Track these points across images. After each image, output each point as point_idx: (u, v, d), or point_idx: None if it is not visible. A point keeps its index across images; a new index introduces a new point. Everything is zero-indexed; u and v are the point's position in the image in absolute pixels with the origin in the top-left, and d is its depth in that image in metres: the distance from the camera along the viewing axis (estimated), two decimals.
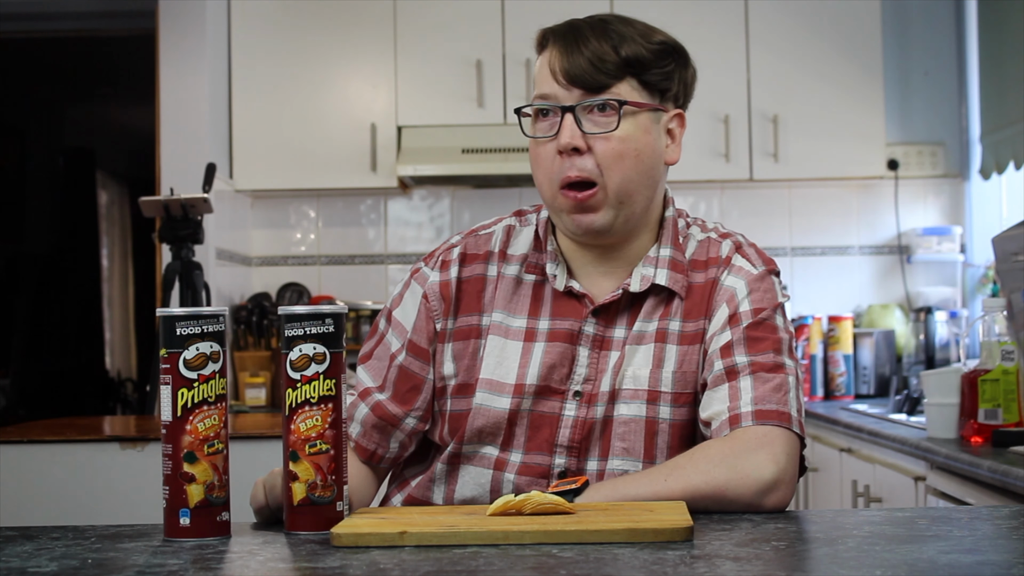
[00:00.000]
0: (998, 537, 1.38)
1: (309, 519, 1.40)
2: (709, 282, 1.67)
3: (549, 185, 1.63)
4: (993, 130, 4.40)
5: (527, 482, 1.63)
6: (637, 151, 1.62)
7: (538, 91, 1.64)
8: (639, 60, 1.62)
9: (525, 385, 1.64)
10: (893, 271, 4.76)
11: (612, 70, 1.60)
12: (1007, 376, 2.57)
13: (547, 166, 1.63)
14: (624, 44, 1.61)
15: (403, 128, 4.54)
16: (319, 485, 1.40)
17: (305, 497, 1.40)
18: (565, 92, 1.61)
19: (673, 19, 4.55)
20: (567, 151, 1.60)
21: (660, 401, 1.63)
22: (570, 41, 1.61)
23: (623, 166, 1.61)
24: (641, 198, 1.65)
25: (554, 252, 1.69)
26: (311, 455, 1.40)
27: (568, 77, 1.60)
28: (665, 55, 1.65)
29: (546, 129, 1.63)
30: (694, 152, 4.50)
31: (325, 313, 1.42)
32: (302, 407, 1.40)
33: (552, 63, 1.62)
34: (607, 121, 1.60)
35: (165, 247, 3.83)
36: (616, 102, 1.60)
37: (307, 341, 1.41)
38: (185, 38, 4.28)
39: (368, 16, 4.54)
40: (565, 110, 1.61)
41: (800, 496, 3.93)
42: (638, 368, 1.63)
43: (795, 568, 1.19)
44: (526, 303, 1.68)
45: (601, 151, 1.60)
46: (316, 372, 1.40)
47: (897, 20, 4.74)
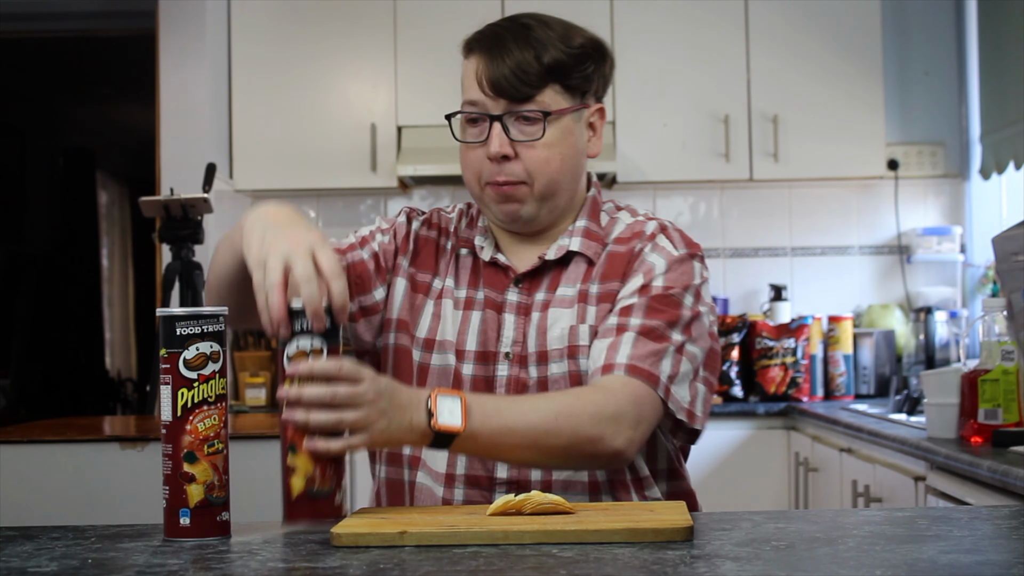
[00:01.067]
0: (998, 537, 1.38)
1: (307, 511, 1.41)
2: (629, 251, 1.76)
3: (478, 184, 1.73)
4: (993, 130, 4.40)
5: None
6: (562, 154, 1.71)
7: (466, 97, 1.73)
8: (560, 66, 1.69)
9: (465, 351, 1.74)
10: (893, 271, 4.76)
11: (535, 80, 1.68)
12: (1007, 376, 2.57)
13: (477, 168, 1.72)
14: (545, 51, 1.68)
15: (403, 128, 4.54)
16: (317, 478, 1.40)
17: (304, 491, 1.41)
18: (492, 102, 1.69)
19: (673, 19, 4.58)
20: (496, 159, 1.69)
21: (579, 355, 1.70)
22: (493, 51, 1.69)
23: (550, 169, 1.70)
24: (565, 192, 1.75)
25: (484, 228, 1.80)
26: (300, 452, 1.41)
27: (494, 88, 1.68)
28: (585, 57, 1.72)
29: (476, 135, 1.72)
30: (694, 152, 4.50)
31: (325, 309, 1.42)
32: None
33: (478, 72, 1.70)
34: (533, 130, 1.69)
35: (165, 247, 3.83)
36: (541, 113, 1.68)
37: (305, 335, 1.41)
38: (185, 38, 4.28)
39: (368, 16, 4.54)
40: (493, 119, 1.69)
41: (800, 496, 3.94)
42: (563, 328, 1.72)
43: (795, 568, 1.19)
44: (467, 275, 1.79)
45: (528, 157, 1.69)
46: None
47: (897, 20, 4.74)
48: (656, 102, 4.49)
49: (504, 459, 1.59)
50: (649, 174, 4.54)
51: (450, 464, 1.72)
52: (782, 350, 4.32)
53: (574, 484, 1.69)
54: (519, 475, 1.69)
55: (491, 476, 1.70)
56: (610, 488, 1.71)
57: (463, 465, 1.71)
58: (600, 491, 1.71)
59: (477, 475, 1.71)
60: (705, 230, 4.79)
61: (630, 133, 4.50)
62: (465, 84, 1.74)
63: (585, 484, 1.70)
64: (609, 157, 4.41)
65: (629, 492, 1.72)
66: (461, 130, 1.74)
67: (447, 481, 1.72)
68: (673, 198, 4.81)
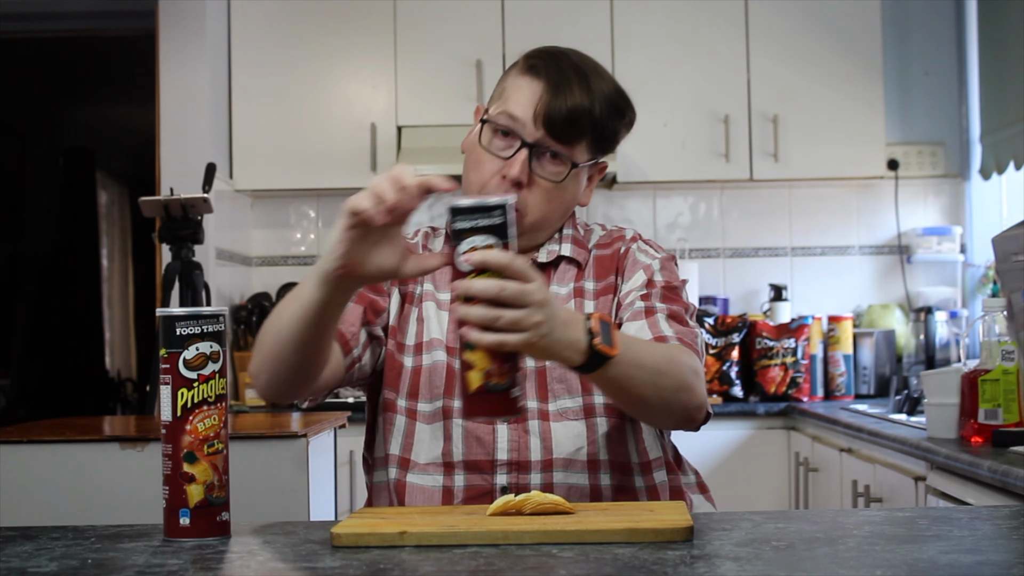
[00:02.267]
0: (998, 537, 1.38)
1: (483, 407, 1.41)
2: (615, 252, 1.83)
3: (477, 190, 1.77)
4: (993, 130, 4.40)
5: (474, 426, 1.73)
6: (563, 197, 1.77)
7: (509, 110, 1.75)
8: (600, 125, 1.76)
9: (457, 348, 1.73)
10: (893, 271, 4.76)
11: (581, 128, 1.74)
12: (1007, 376, 2.57)
13: (484, 177, 1.76)
14: (595, 106, 1.74)
15: (403, 128, 4.54)
16: (494, 373, 1.40)
17: (480, 386, 1.40)
18: (532, 128, 1.73)
19: (673, 19, 4.58)
20: (511, 182, 1.73)
21: None
22: (558, 84, 1.73)
23: (548, 207, 1.76)
24: (550, 228, 1.82)
25: None
26: (478, 347, 1.39)
27: (546, 121, 1.72)
28: (620, 117, 1.81)
29: (500, 148, 1.75)
30: (694, 152, 4.50)
31: (497, 205, 1.39)
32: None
33: (537, 100, 1.72)
34: (556, 171, 1.74)
35: (165, 247, 3.83)
36: (571, 163, 1.75)
37: (478, 233, 1.39)
38: (185, 38, 4.28)
39: (368, 16, 4.54)
40: (527, 146, 1.73)
41: (800, 496, 3.94)
42: None
43: (795, 568, 1.19)
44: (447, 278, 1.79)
45: (537, 190, 1.74)
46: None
47: (897, 20, 4.74)
48: (656, 102, 4.49)
49: (626, 391, 1.57)
50: (649, 174, 4.54)
51: (447, 452, 1.73)
52: (782, 350, 4.32)
53: (574, 463, 1.71)
54: (519, 456, 1.71)
55: (491, 459, 1.71)
56: (609, 467, 1.73)
57: (460, 452, 1.72)
58: (599, 469, 1.73)
59: (476, 459, 1.72)
60: (705, 230, 4.79)
61: (630, 133, 4.49)
62: (513, 97, 1.75)
63: (585, 463, 1.72)
64: (609, 157, 4.41)
65: (631, 476, 1.74)
66: (488, 137, 1.77)
67: (445, 469, 1.73)
68: (673, 198, 4.81)
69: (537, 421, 1.73)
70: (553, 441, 1.71)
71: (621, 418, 1.76)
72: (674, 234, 4.79)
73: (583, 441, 1.72)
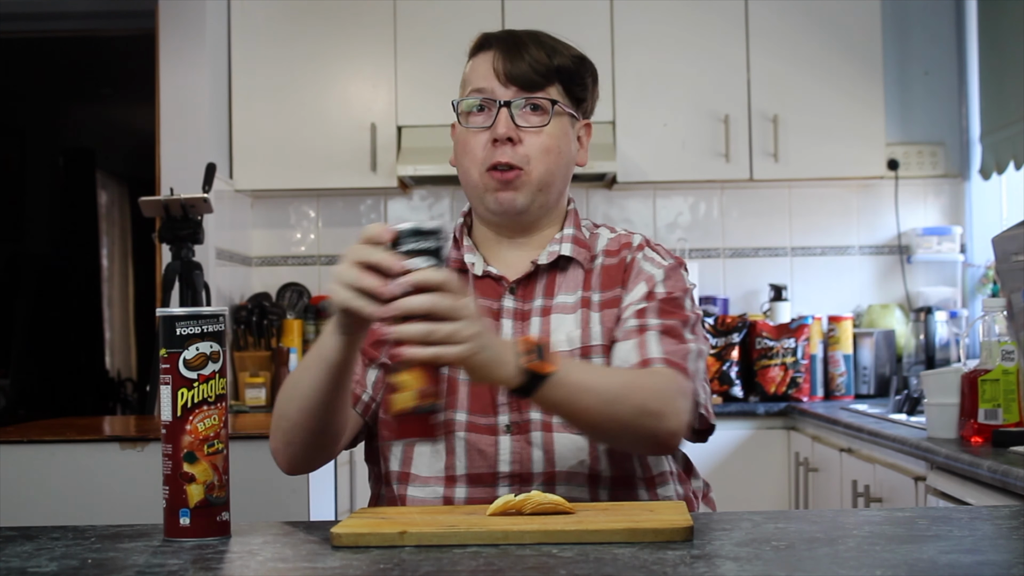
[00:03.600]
0: (998, 537, 1.38)
1: (413, 427, 1.43)
2: (622, 261, 1.83)
3: (477, 169, 1.79)
4: (993, 130, 4.40)
5: (477, 438, 1.72)
6: (559, 148, 1.80)
7: (475, 86, 1.81)
8: (566, 70, 1.81)
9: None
10: (893, 271, 4.76)
11: (545, 73, 1.79)
12: (1007, 376, 2.57)
13: (477, 154, 1.79)
14: (555, 54, 1.80)
15: (403, 128, 4.54)
16: (422, 395, 1.41)
17: (413, 406, 1.41)
18: (503, 89, 1.78)
19: (673, 19, 4.58)
20: (502, 140, 1.76)
21: (592, 353, 1.76)
22: (511, 46, 1.80)
23: (548, 159, 1.78)
24: (555, 190, 1.82)
25: (470, 246, 1.84)
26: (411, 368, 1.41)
27: (509, 77, 1.78)
28: (584, 70, 1.84)
29: (481, 121, 1.79)
30: (694, 152, 4.50)
31: (437, 229, 1.44)
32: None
33: (494, 63, 1.79)
34: (539, 119, 1.78)
35: (165, 247, 3.83)
36: (549, 101, 1.78)
37: (418, 255, 1.42)
38: (185, 38, 4.28)
39: (368, 16, 4.55)
40: (503, 104, 1.77)
41: (800, 496, 3.94)
42: (570, 331, 1.77)
43: (795, 568, 1.19)
44: None
45: (530, 143, 1.77)
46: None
47: (897, 20, 4.74)
48: (656, 102, 4.49)
49: (574, 417, 1.59)
50: (649, 174, 4.54)
51: (449, 466, 1.72)
52: (782, 350, 4.32)
53: (576, 476, 1.71)
54: (521, 468, 1.70)
55: (494, 472, 1.71)
56: (610, 483, 1.72)
57: (463, 465, 1.72)
58: (598, 485, 1.72)
59: (479, 473, 1.71)
60: (705, 230, 4.79)
61: (630, 133, 4.50)
62: (474, 76, 1.82)
63: (586, 476, 1.71)
64: (609, 157, 4.41)
65: (635, 491, 1.73)
66: (465, 119, 1.81)
67: (447, 482, 1.72)
68: (673, 198, 4.81)
69: (540, 433, 1.71)
70: (556, 453, 1.70)
71: None
72: (674, 234, 4.79)
73: (585, 454, 1.71)
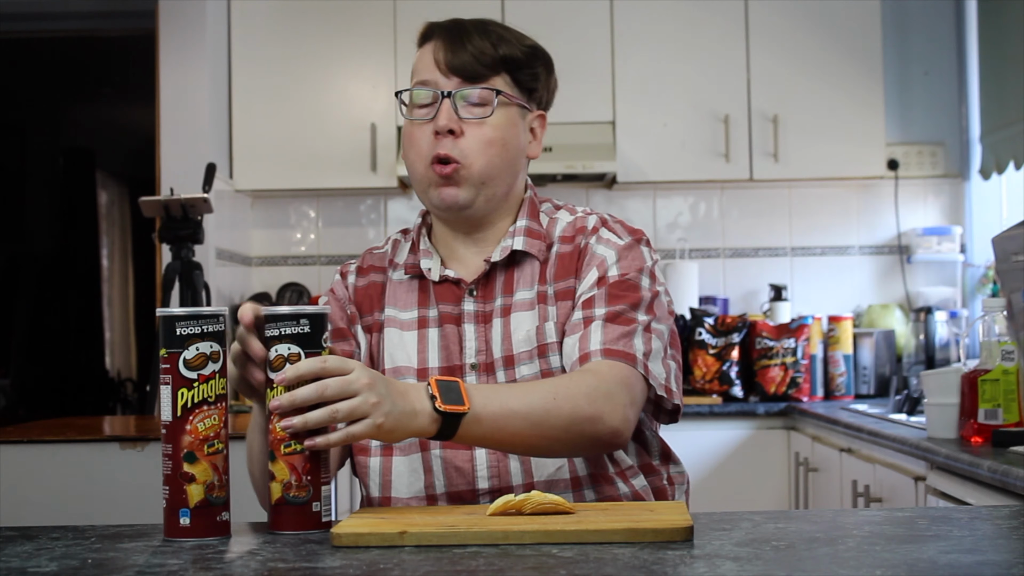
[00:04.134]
0: (998, 537, 1.38)
1: (286, 519, 1.41)
2: (576, 247, 1.78)
3: (421, 162, 1.76)
4: (993, 130, 4.40)
5: (452, 454, 1.70)
6: (504, 140, 1.76)
7: (419, 78, 1.78)
8: (513, 59, 1.77)
9: (428, 368, 1.76)
10: (893, 271, 4.76)
11: (490, 64, 1.75)
12: (1007, 376, 2.57)
13: (421, 146, 1.75)
14: (501, 44, 1.77)
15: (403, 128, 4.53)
16: (293, 485, 1.41)
17: (281, 497, 1.41)
18: (445, 80, 1.75)
19: (673, 19, 4.58)
20: (443, 132, 1.73)
21: (549, 352, 1.73)
22: (454, 36, 1.77)
23: (490, 152, 1.75)
24: (502, 183, 1.78)
25: (427, 250, 1.82)
26: (286, 455, 1.41)
27: (450, 67, 1.74)
28: (536, 59, 1.81)
29: (424, 113, 1.76)
30: (694, 152, 4.50)
31: (301, 314, 1.42)
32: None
33: (436, 53, 1.76)
34: (481, 111, 1.75)
35: (165, 247, 3.83)
36: (491, 91, 1.75)
37: (282, 341, 1.41)
38: (185, 38, 4.28)
39: (368, 16, 4.55)
40: (444, 95, 1.74)
41: (800, 496, 3.94)
42: (529, 330, 1.74)
43: (795, 568, 1.19)
44: (414, 296, 1.81)
45: (472, 136, 1.74)
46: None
47: (897, 20, 4.74)
48: (656, 102, 4.49)
49: (507, 444, 1.57)
50: (649, 174, 4.54)
51: (428, 484, 1.71)
52: (782, 350, 4.32)
53: (557, 483, 1.70)
54: (500, 483, 1.69)
55: (473, 488, 1.70)
56: (592, 482, 1.71)
57: (442, 483, 1.71)
58: (583, 486, 1.71)
59: (459, 490, 1.70)
60: (705, 230, 4.79)
61: (630, 133, 4.50)
62: (419, 67, 1.79)
63: (568, 481, 1.70)
64: (609, 157, 4.41)
65: (614, 484, 1.73)
66: (409, 111, 1.78)
67: (428, 502, 1.71)
68: (673, 198, 4.81)
69: None
70: (533, 463, 1.69)
71: None
72: (674, 234, 4.79)
73: (562, 460, 1.70)
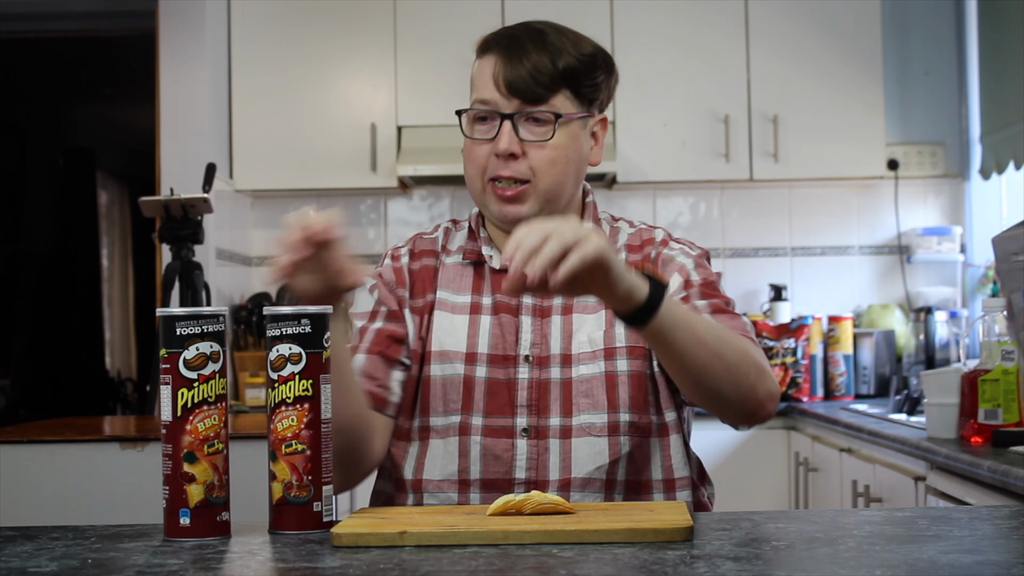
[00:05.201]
0: (998, 537, 1.38)
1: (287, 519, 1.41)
2: (645, 257, 1.81)
3: (480, 179, 1.75)
4: (993, 130, 4.40)
5: (492, 443, 1.70)
6: (567, 158, 1.73)
7: (478, 96, 1.75)
8: (573, 73, 1.73)
9: (477, 354, 1.75)
10: (893, 271, 4.76)
11: (549, 83, 1.71)
12: (1007, 376, 2.57)
13: (481, 163, 1.74)
14: (560, 57, 1.72)
15: (403, 128, 4.54)
16: (295, 485, 1.41)
17: (282, 497, 1.41)
18: (505, 100, 1.72)
19: (673, 19, 4.58)
20: (504, 156, 1.71)
21: (616, 356, 1.73)
22: (512, 52, 1.72)
23: (554, 171, 1.73)
24: (566, 195, 1.77)
25: (487, 238, 1.81)
26: (287, 455, 1.41)
27: (509, 88, 1.71)
28: (596, 67, 1.76)
29: (484, 132, 1.74)
30: (694, 152, 4.50)
31: (303, 314, 1.42)
32: (279, 407, 1.41)
33: (495, 72, 1.72)
34: (543, 131, 1.72)
35: (165, 247, 3.83)
36: (552, 115, 1.71)
37: (284, 341, 1.41)
38: (185, 38, 4.28)
39: (368, 16, 4.54)
40: (504, 117, 1.72)
41: (800, 496, 3.93)
42: (592, 332, 1.74)
43: (795, 568, 1.19)
44: (468, 281, 1.80)
45: (535, 157, 1.72)
46: (292, 372, 1.41)
47: (897, 20, 4.74)
48: (656, 102, 4.49)
49: (686, 354, 1.53)
50: (649, 174, 4.54)
51: (463, 469, 1.71)
52: (782, 350, 4.32)
53: (592, 482, 1.69)
54: (537, 475, 1.69)
55: (510, 478, 1.70)
56: (626, 488, 1.71)
57: (479, 469, 1.71)
58: (615, 490, 1.70)
59: (494, 478, 1.70)
60: (705, 230, 4.79)
61: (630, 133, 4.50)
62: (478, 82, 1.76)
63: (603, 482, 1.70)
64: (609, 157, 4.41)
65: (650, 494, 1.72)
66: (470, 127, 1.76)
67: (460, 487, 1.71)
68: (673, 198, 4.81)
69: (558, 440, 1.70)
70: (572, 459, 1.69)
71: (646, 436, 1.72)
72: (674, 234, 4.78)
73: (604, 459, 1.69)
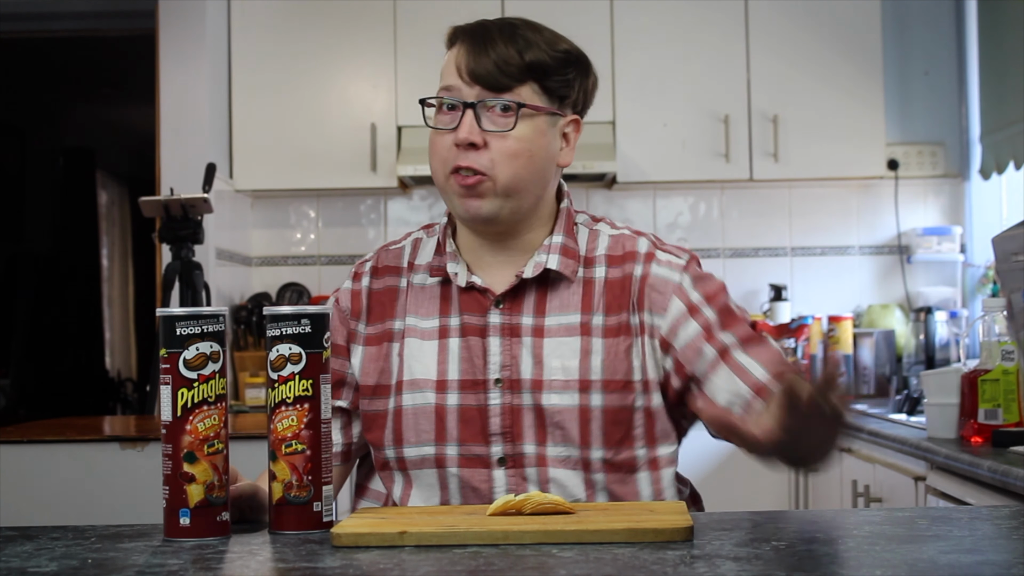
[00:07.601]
0: (998, 537, 1.38)
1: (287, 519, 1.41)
2: (628, 277, 1.73)
3: (442, 170, 1.69)
4: (993, 130, 4.40)
5: (470, 474, 1.68)
6: (530, 152, 1.68)
7: (443, 84, 1.71)
8: (541, 66, 1.68)
9: (448, 381, 1.70)
10: (893, 271, 4.76)
11: (515, 73, 1.67)
12: (1007, 376, 2.57)
13: (443, 155, 1.69)
14: (529, 50, 1.68)
15: (403, 128, 4.54)
16: (295, 485, 1.41)
17: (282, 497, 1.41)
18: (468, 89, 1.68)
19: (673, 19, 4.58)
20: (463, 145, 1.66)
21: (591, 389, 1.67)
22: (478, 41, 1.69)
23: (515, 164, 1.67)
24: (529, 195, 1.71)
25: (453, 253, 1.75)
26: (287, 455, 1.41)
27: (472, 76, 1.67)
28: (568, 64, 1.72)
29: (447, 122, 1.69)
30: (694, 152, 4.50)
31: (302, 314, 1.42)
32: (279, 407, 1.41)
33: (459, 60, 1.69)
34: (505, 121, 1.67)
35: (165, 247, 3.83)
36: (515, 104, 1.67)
37: (283, 341, 1.41)
38: (185, 38, 4.28)
39: (368, 16, 4.54)
40: (466, 106, 1.67)
41: (800, 496, 3.93)
42: (567, 360, 1.68)
43: (795, 568, 1.19)
44: (435, 304, 1.74)
45: (496, 148, 1.67)
46: (292, 372, 1.41)
47: (897, 20, 4.74)
48: (656, 102, 4.49)
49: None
50: (649, 174, 4.54)
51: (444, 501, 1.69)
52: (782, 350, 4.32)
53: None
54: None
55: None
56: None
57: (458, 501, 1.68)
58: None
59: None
60: (705, 230, 4.79)
61: (630, 133, 4.50)
62: (444, 72, 1.73)
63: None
64: (609, 157, 4.41)
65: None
66: (434, 117, 1.73)
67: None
68: (673, 198, 4.81)
69: (535, 468, 1.67)
70: (551, 490, 1.66)
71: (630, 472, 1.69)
72: (674, 234, 4.79)
73: (581, 491, 1.66)
